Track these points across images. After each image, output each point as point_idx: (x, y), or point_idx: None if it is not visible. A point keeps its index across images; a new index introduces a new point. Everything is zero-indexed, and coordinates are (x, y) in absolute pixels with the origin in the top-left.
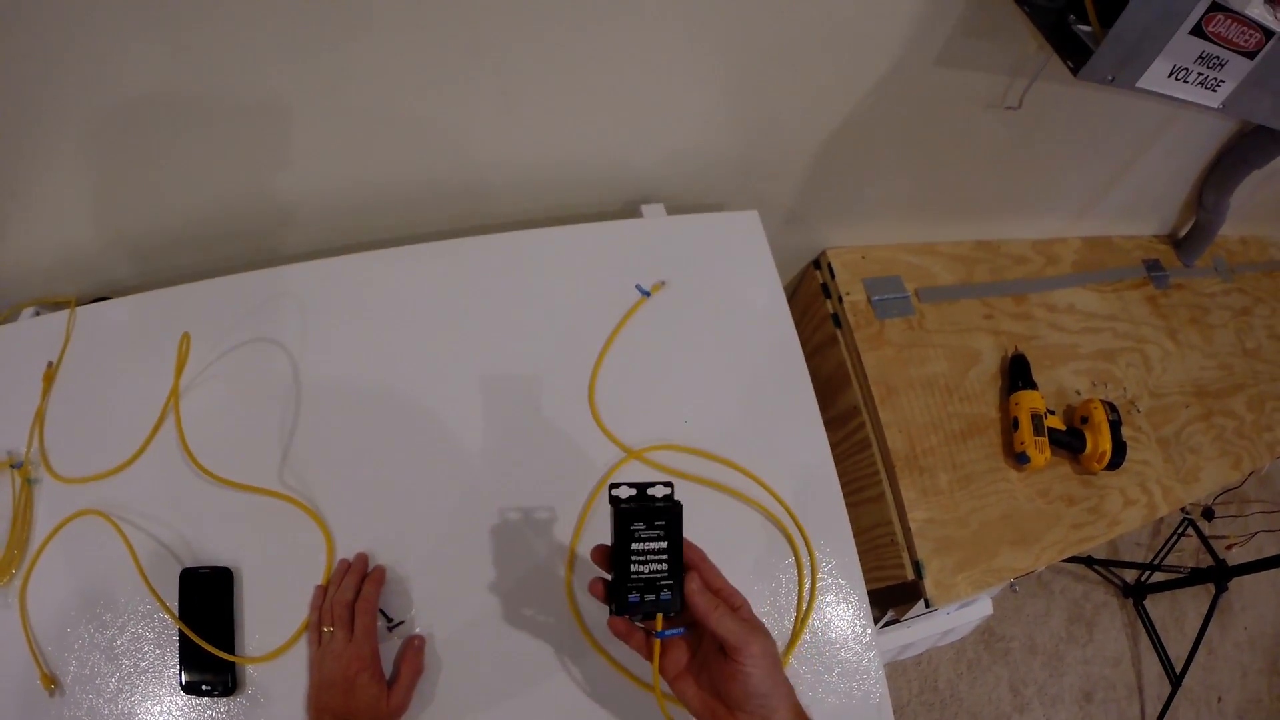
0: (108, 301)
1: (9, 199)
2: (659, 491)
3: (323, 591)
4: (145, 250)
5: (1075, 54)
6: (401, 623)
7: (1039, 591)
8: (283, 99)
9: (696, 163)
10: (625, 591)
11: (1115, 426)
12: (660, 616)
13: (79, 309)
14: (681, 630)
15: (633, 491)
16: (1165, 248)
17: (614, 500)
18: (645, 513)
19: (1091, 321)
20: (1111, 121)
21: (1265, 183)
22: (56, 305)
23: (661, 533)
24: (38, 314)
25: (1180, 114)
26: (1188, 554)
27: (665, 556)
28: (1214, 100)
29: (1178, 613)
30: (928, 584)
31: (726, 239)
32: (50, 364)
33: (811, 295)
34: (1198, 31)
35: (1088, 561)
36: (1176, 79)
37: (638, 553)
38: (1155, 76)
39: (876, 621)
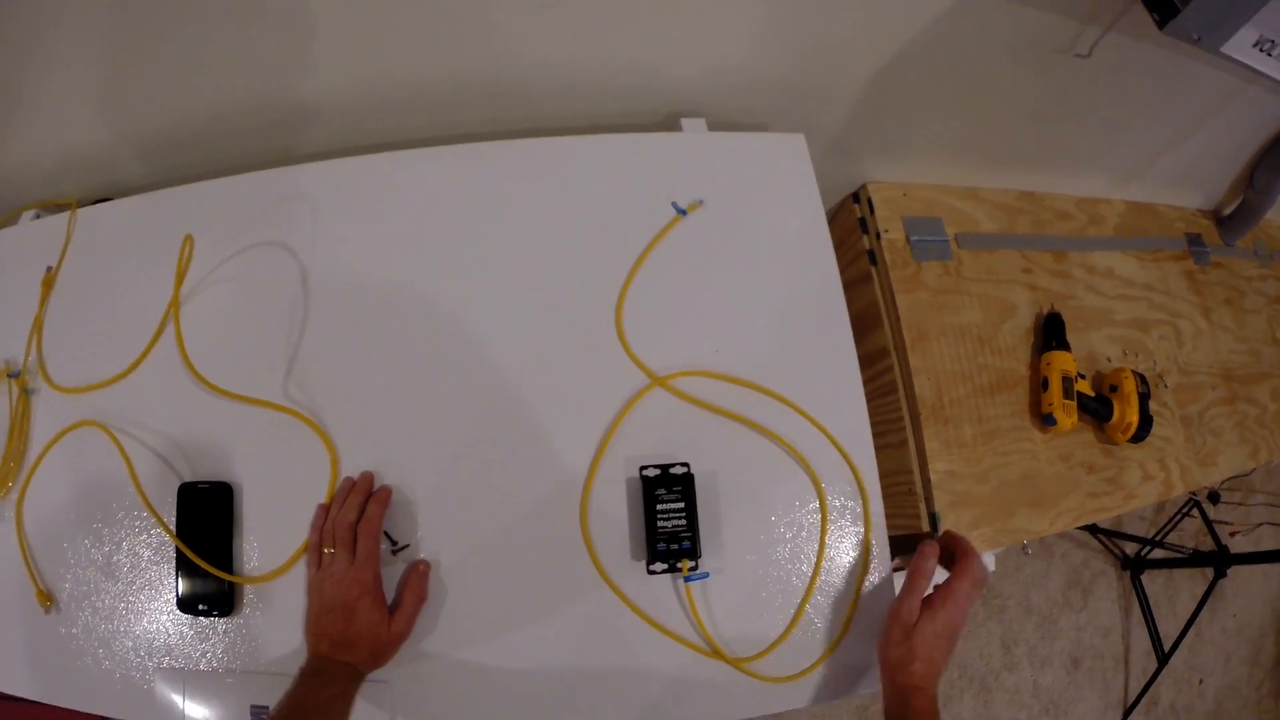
0: (110, 203)
1: (9, 98)
2: (678, 471)
3: (325, 511)
4: (152, 148)
5: (1162, 7)
6: (406, 546)
7: (1040, 554)
8: None
9: (742, 78)
10: (654, 542)
11: (1144, 399)
12: (685, 564)
13: (80, 211)
14: (707, 575)
15: (658, 472)
16: (1208, 223)
17: (643, 478)
18: (665, 480)
19: (1129, 289)
20: (1178, 86)
21: None
22: (59, 207)
23: (679, 496)
24: (38, 217)
25: (1249, 88)
26: (1188, 534)
27: (683, 514)
28: None
29: (1172, 591)
30: None
31: (769, 161)
32: (50, 269)
33: (848, 229)
34: None
35: (1092, 530)
36: (1261, 49)
37: (662, 512)
38: (1240, 44)
39: None
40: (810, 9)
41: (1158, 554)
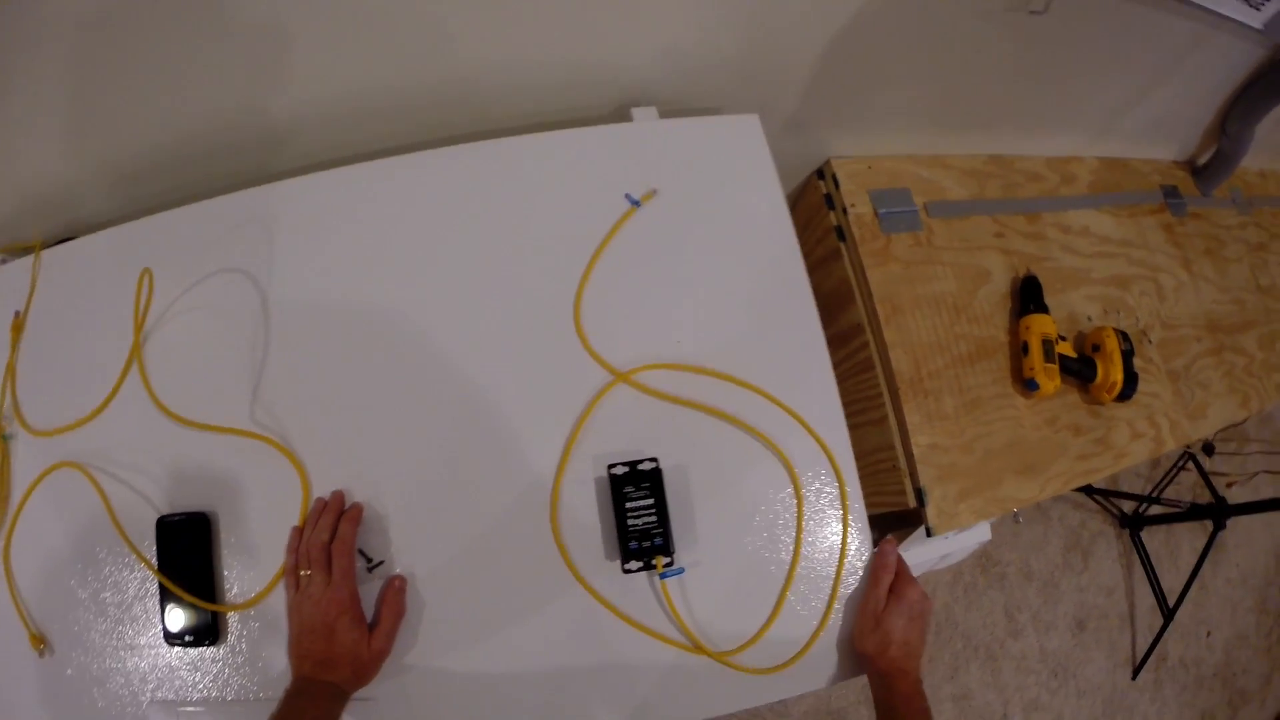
0: (73, 242)
1: None
2: (647, 467)
3: (299, 533)
4: (115, 180)
5: None
6: (381, 563)
7: (1037, 518)
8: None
9: (692, 63)
10: (626, 540)
11: (1128, 357)
12: (660, 560)
13: (45, 252)
14: (682, 570)
15: (626, 469)
16: (1184, 174)
17: (611, 476)
18: (634, 476)
19: (1106, 246)
20: (1141, 36)
21: None
22: (23, 250)
23: (648, 492)
24: (2, 261)
25: (1214, 35)
26: (1185, 488)
27: (653, 510)
28: (1257, 20)
29: (1172, 546)
30: (930, 512)
31: (724, 144)
32: (17, 314)
33: (814, 207)
34: None
35: (1087, 490)
36: None
37: (632, 510)
38: None
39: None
40: None
41: (1156, 510)
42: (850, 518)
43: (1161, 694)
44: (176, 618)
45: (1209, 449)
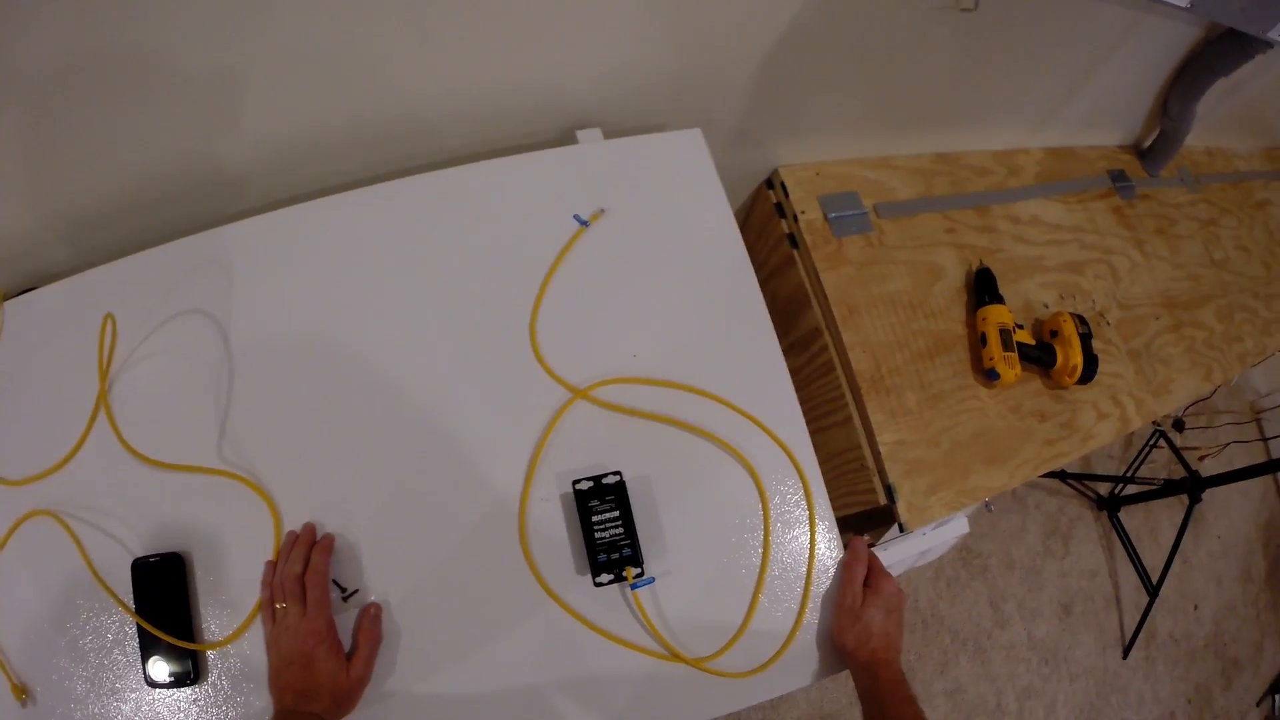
0: (35, 291)
1: None
2: (610, 480)
3: (273, 567)
4: (75, 229)
5: None
6: (355, 591)
7: (1014, 507)
8: (206, 50)
9: (633, 82)
10: (595, 554)
11: (1086, 339)
12: (630, 571)
13: (7, 304)
14: (652, 580)
15: (591, 484)
16: (1130, 158)
17: (576, 492)
18: (598, 490)
19: (1057, 233)
20: (1073, 25)
21: (1230, 93)
22: None
23: (613, 505)
24: None
25: (1145, 18)
26: (1159, 465)
27: (620, 523)
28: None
29: (1152, 523)
30: (901, 508)
31: (668, 161)
32: None
33: (765, 216)
34: None
35: (1061, 476)
36: None
37: (598, 523)
38: None
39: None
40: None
41: (1131, 490)
42: (817, 515)
43: (1154, 671)
44: (157, 660)
45: (1179, 425)
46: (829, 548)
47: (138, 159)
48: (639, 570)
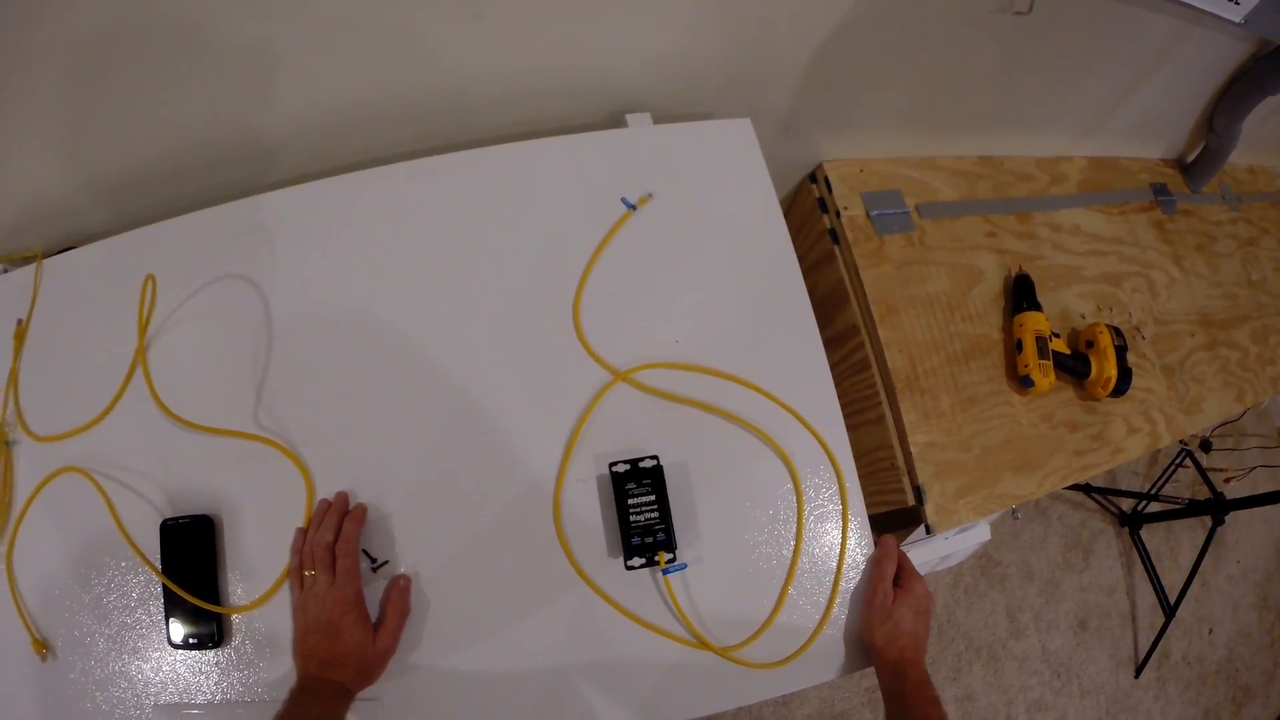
0: (74, 251)
1: None
2: (648, 464)
3: (303, 534)
4: (113, 192)
5: None
6: (385, 562)
7: (1036, 518)
8: (249, 19)
9: (684, 69)
10: (629, 537)
11: (1121, 352)
12: (663, 556)
13: (46, 261)
14: (684, 565)
15: (628, 467)
16: (1173, 172)
17: (613, 474)
18: (635, 474)
19: (1097, 244)
20: (1122, 33)
21: (1277, 111)
22: (25, 260)
23: (649, 489)
24: (4, 271)
25: (1195, 30)
26: (1184, 485)
27: (655, 507)
28: (1236, 14)
29: (1172, 543)
30: (929, 510)
31: (717, 148)
32: (20, 321)
33: (807, 210)
34: None
35: (1085, 489)
36: None
37: (634, 506)
38: None
39: None
40: None
41: (1154, 507)
42: (850, 512)
43: (1165, 692)
44: (181, 620)
45: (1206, 445)
46: (860, 544)
47: (176, 126)
48: (671, 555)
